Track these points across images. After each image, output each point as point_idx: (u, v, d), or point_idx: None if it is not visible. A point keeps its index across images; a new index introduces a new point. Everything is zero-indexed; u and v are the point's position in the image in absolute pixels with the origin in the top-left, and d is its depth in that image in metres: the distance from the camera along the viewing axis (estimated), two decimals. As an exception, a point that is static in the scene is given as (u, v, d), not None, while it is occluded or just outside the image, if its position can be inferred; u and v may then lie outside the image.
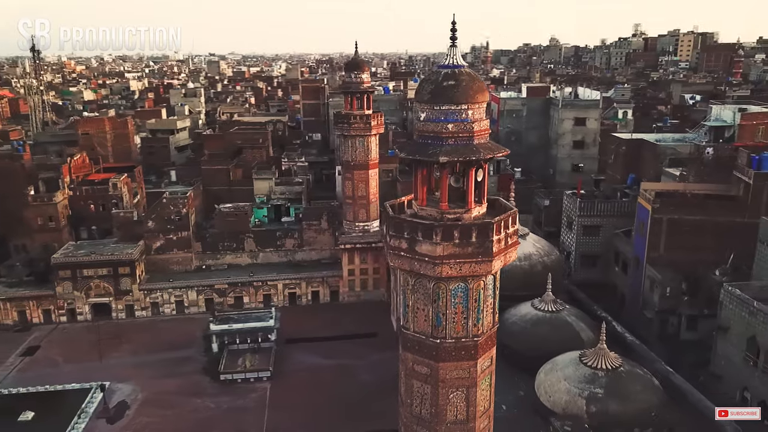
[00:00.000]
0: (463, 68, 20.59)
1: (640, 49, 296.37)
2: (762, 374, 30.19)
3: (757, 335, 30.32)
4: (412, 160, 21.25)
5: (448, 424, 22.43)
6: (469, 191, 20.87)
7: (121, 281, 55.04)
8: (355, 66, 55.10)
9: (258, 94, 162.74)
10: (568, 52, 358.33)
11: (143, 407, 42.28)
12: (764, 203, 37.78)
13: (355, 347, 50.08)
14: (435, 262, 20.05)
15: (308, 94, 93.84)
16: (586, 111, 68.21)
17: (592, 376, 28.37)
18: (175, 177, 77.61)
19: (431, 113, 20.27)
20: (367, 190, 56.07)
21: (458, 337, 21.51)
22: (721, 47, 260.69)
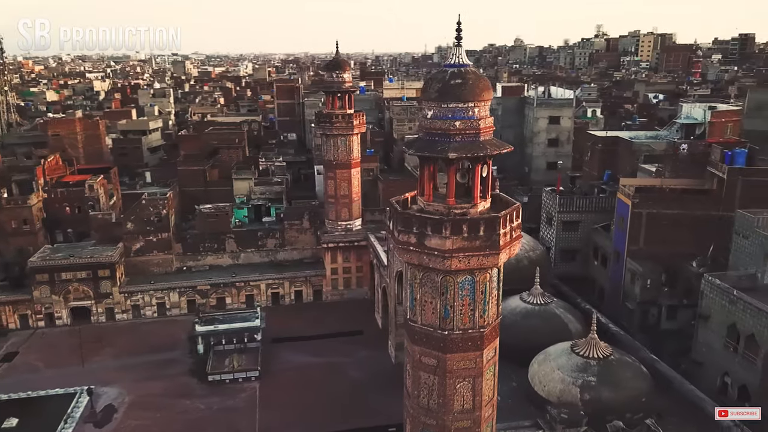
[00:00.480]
0: (469, 67, 21.22)
1: (602, 50, 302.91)
2: (742, 360, 31.63)
3: (737, 322, 31.75)
4: (419, 157, 21.77)
5: (455, 414, 23.00)
6: (475, 186, 21.51)
7: (101, 284, 54.22)
8: (337, 65, 55.33)
9: (227, 94, 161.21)
10: (532, 53, 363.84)
11: (131, 410, 41.83)
12: (737, 197, 39.45)
13: (342, 345, 50.45)
14: (444, 255, 20.59)
15: (283, 94, 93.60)
16: (560, 110, 69.80)
17: (585, 365, 29.33)
18: (150, 178, 76.65)
19: (438, 111, 20.82)
20: (349, 189, 56.37)
21: (465, 328, 22.10)
22: (679, 48, 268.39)
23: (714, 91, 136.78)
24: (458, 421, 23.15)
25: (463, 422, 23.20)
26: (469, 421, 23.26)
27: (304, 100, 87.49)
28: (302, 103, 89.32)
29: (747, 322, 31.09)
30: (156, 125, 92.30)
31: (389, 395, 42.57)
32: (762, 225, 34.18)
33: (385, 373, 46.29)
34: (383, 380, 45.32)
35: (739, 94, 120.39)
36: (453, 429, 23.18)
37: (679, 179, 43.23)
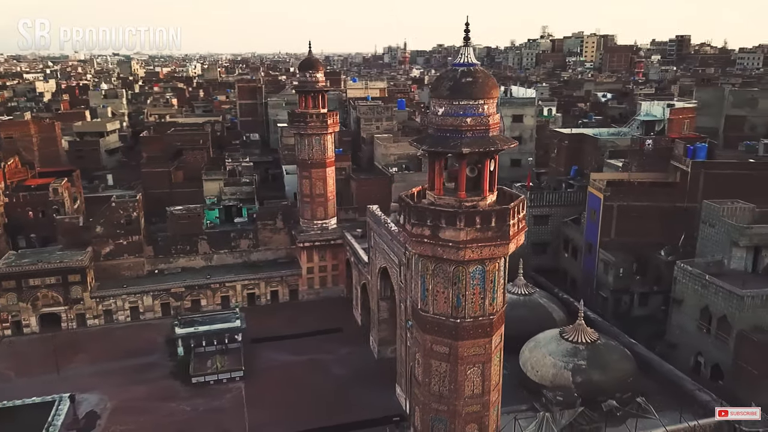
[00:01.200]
0: (477, 66, 22.21)
1: (548, 50, 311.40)
2: (715, 340, 33.85)
3: (709, 305, 33.96)
4: (430, 152, 22.63)
5: (466, 399, 23.99)
6: (484, 180, 22.52)
7: (72, 290, 52.88)
8: (310, 65, 55.66)
9: (180, 94, 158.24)
10: (480, 53, 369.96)
11: (115, 415, 41.10)
12: (701, 188, 41.96)
13: (323, 343, 50.81)
14: (459, 246, 21.54)
15: (245, 94, 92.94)
16: (522, 108, 71.88)
17: (574, 350, 30.81)
18: (113, 181, 74.99)
19: (450, 108, 21.74)
20: (324, 188, 56.77)
21: (476, 316, 23.13)
22: (621, 48, 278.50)
23: (658, 90, 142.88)
24: (468, 405, 24.15)
25: (473, 407, 24.22)
26: (479, 406, 24.30)
27: (268, 100, 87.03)
28: (265, 103, 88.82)
29: (719, 305, 33.30)
30: (113, 127, 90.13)
31: (374, 390, 43.71)
32: (727, 214, 36.58)
33: (369, 369, 47.06)
34: (367, 375, 46.10)
35: (681, 92, 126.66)
36: (464, 414, 24.16)
37: (645, 173, 45.58)
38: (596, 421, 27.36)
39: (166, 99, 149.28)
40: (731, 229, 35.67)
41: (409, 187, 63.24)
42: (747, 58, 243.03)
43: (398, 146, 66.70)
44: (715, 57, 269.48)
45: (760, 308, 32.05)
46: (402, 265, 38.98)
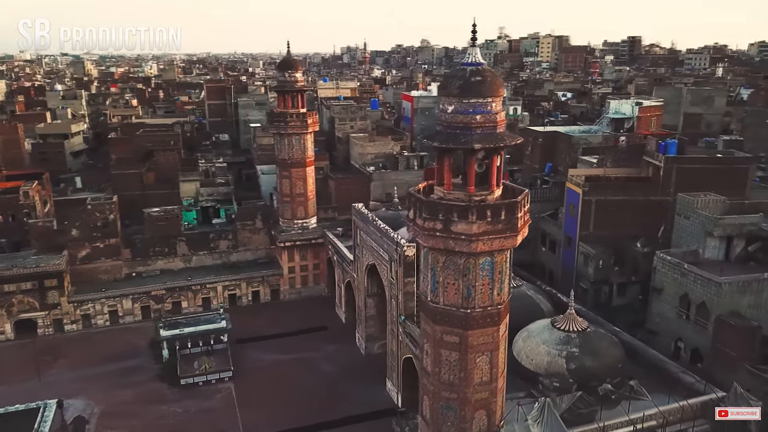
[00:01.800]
0: (485, 65, 23.14)
1: (505, 51, 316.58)
2: (694, 325, 35.72)
3: (688, 293, 35.81)
4: (439, 149, 23.43)
5: (475, 386, 24.92)
6: (492, 175, 23.47)
7: (48, 295, 51.72)
8: (289, 65, 55.85)
9: (141, 95, 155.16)
10: (439, 53, 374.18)
11: (104, 420, 40.57)
12: (673, 182, 44.06)
13: (308, 341, 51.08)
14: (471, 239, 22.43)
15: (213, 95, 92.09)
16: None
17: (567, 338, 32.11)
18: (81, 183, 73.40)
19: (460, 106, 22.61)
20: (305, 187, 57.02)
21: (485, 306, 24.08)
22: (576, 49, 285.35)
23: (614, 90, 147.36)
24: (477, 392, 25.09)
25: (482, 393, 25.17)
26: (488, 392, 25.27)
27: (238, 101, 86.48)
28: (235, 103, 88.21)
29: (698, 292, 35.17)
30: (78, 128, 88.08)
31: (364, 385, 44.32)
32: (701, 206, 38.56)
33: (357, 365, 47.62)
34: (356, 372, 46.67)
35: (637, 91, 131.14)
36: (473, 401, 25.09)
37: (619, 168, 47.51)
38: (593, 405, 28.64)
39: (125, 100, 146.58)
40: (706, 220, 37.67)
41: (387, 186, 64.56)
42: (695, 59, 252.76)
43: (375, 145, 67.41)
44: (665, 57, 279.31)
45: (737, 294, 34.04)
46: (393, 261, 39.73)
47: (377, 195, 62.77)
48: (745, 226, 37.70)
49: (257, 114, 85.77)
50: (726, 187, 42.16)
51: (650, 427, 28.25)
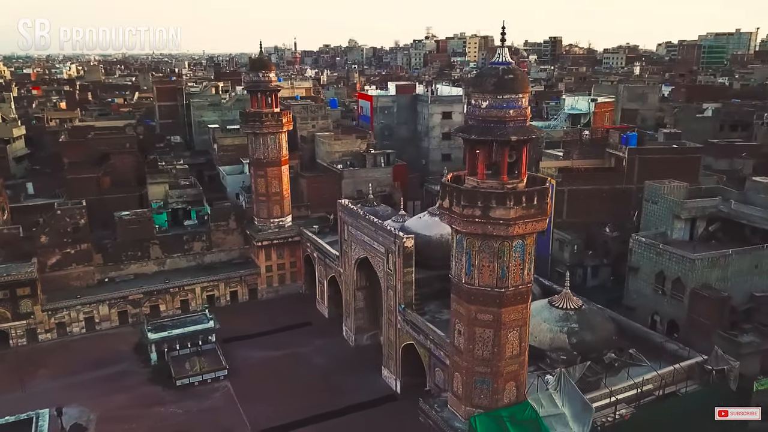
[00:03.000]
0: (513, 64, 25.30)
1: (434, 51, 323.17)
2: (670, 299, 39.45)
3: (664, 270, 39.51)
4: (475, 141, 25.38)
5: (507, 359, 27.11)
6: (522, 165, 25.67)
7: (21, 304, 49.96)
8: (262, 65, 56.35)
9: (70, 97, 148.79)
10: (368, 53, 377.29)
11: (103, 425, 39.96)
12: (636, 171, 48.10)
13: (295, 337, 51.89)
14: (509, 223, 24.57)
15: (164, 96, 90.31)
16: (451, 105, 76.54)
17: (565, 316, 34.80)
18: (33, 189, 70.55)
19: (494, 101, 24.67)
20: (280, 186, 57.62)
21: (516, 285, 26.29)
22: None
23: (546, 88, 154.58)
24: (509, 365, 27.29)
25: (512, 366, 27.38)
26: (517, 365, 27.52)
27: (191, 102, 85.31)
28: (188, 104, 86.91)
29: (673, 269, 38.91)
30: (19, 132, 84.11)
31: (359, 375, 45.79)
32: (667, 192, 42.49)
33: (348, 357, 48.92)
34: (348, 363, 47.97)
35: (567, 89, 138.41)
36: (505, 373, 27.26)
37: (585, 160, 51.16)
38: (600, 373, 31.45)
39: (53, 102, 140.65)
40: (673, 204, 41.60)
41: (357, 183, 66.14)
42: (612, 58, 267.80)
43: (342, 143, 68.68)
44: (584, 57, 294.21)
45: (707, 269, 37.94)
46: (390, 253, 41.39)
47: (348, 192, 64.10)
48: (707, 209, 41.95)
49: (212, 115, 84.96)
50: (681, 174, 46.52)
51: (649, 389, 31.29)
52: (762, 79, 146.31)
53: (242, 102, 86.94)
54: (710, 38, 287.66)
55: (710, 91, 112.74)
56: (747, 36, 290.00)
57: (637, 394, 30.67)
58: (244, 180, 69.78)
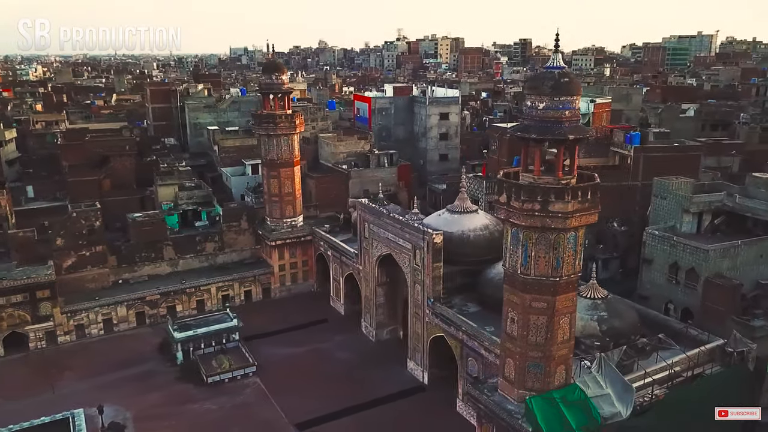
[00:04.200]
0: (566, 68, 27.16)
1: (405, 52, 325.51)
2: (684, 288, 41.95)
3: (678, 261, 42.00)
4: (533, 139, 27.16)
5: (558, 344, 28.94)
6: (574, 162, 27.55)
7: (40, 306, 49.98)
8: (275, 68, 57.32)
9: (47, 100, 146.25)
10: (339, 55, 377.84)
11: (141, 423, 40.55)
12: (641, 169, 50.67)
13: (314, 333, 53.07)
14: (567, 216, 26.40)
15: (158, 98, 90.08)
16: (448, 107, 78.48)
17: (594, 305, 36.78)
18: (33, 192, 69.96)
19: (551, 103, 26.51)
20: (293, 186, 58.64)
21: (569, 274, 28.15)
22: (473, 50, 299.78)
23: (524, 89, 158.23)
24: (560, 350, 29.13)
25: (562, 351, 29.25)
26: (566, 349, 29.41)
27: (186, 104, 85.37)
28: (183, 106, 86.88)
29: (686, 259, 41.42)
30: (11, 135, 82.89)
31: (385, 368, 47.26)
32: (675, 188, 45.07)
33: (370, 351, 50.31)
34: (372, 357, 49.36)
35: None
36: (556, 357, 29.11)
37: (590, 158, 53.54)
38: (633, 357, 33.58)
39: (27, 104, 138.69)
40: (682, 199, 44.17)
41: (364, 183, 67.57)
42: (581, 60, 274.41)
43: (346, 144, 69.95)
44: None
45: (719, 259, 40.55)
46: (418, 249, 42.97)
47: (355, 192, 65.47)
48: (713, 203, 44.64)
49: (207, 117, 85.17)
50: (682, 171, 49.07)
51: (678, 371, 33.53)
52: (727, 80, 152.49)
53: (238, 104, 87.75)
54: (674, 41, 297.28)
55: (684, 92, 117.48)
56: (708, 38, 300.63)
57: (668, 376, 32.86)
58: (248, 181, 70.47)
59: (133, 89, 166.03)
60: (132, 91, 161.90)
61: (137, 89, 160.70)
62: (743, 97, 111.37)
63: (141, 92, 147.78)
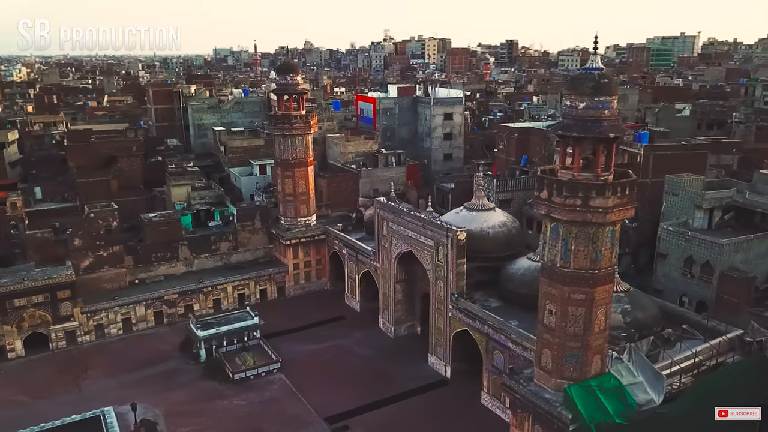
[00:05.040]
0: (605, 70, 28.35)
1: (393, 53, 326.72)
2: (699, 281, 43.47)
3: (693, 255, 43.52)
4: (572, 137, 28.29)
5: (595, 334, 30.10)
6: (611, 159, 28.75)
7: (61, 307, 50.19)
8: (290, 69, 58.11)
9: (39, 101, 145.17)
10: (325, 55, 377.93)
11: (171, 420, 41.04)
12: (650, 167, 52.22)
13: (333, 330, 53.93)
14: (607, 211, 27.55)
15: (160, 99, 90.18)
16: (452, 107, 79.67)
17: (617, 298, 37.80)
18: (41, 194, 69.89)
19: (591, 102, 27.65)
20: (307, 186, 59.39)
21: (606, 267, 29.33)
22: (460, 51, 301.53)
23: (516, 90, 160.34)
24: (596, 340, 30.30)
25: (599, 341, 30.43)
26: (602, 339, 30.59)
27: (190, 105, 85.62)
28: (186, 107, 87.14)
29: (701, 254, 42.95)
30: (14, 137, 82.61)
31: (406, 363, 48.18)
32: (687, 185, 46.63)
33: (390, 347, 51.23)
34: (392, 352, 50.27)
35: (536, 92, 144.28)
36: (593, 347, 30.27)
37: (600, 157, 54.93)
38: (659, 346, 34.90)
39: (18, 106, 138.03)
40: (694, 195, 45.74)
41: (373, 182, 68.49)
42: (567, 60, 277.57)
43: (354, 144, 70.82)
44: (540, 59, 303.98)
45: (733, 253, 42.14)
46: (441, 246, 43.99)
47: (365, 191, 66.44)
48: (723, 199, 46.29)
49: (211, 118, 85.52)
50: (690, 169, 50.68)
51: (700, 360, 34.90)
52: (713, 80, 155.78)
53: (241, 104, 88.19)
54: (657, 41, 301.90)
55: (674, 92, 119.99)
56: (691, 39, 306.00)
57: (694, 364, 34.20)
58: (257, 181, 71.06)
59: (124, 90, 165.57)
60: (123, 92, 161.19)
61: (128, 90, 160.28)
62: (732, 97, 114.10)
63: (132, 93, 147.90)
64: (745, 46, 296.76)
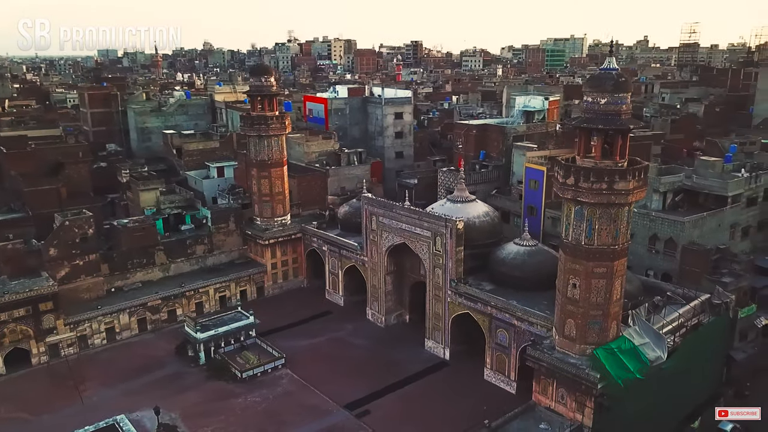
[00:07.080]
0: (620, 70, 32.41)
1: (299, 54, 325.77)
2: (663, 256, 49.18)
3: (657, 233, 49.19)
4: (597, 130, 32.10)
5: (614, 303, 34.21)
6: (626, 148, 32.89)
7: (44, 319, 48.17)
8: (264, 71, 58.60)
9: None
10: (227, 57, 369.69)
11: (191, 421, 41.06)
12: (605, 157, 57.89)
13: (324, 324, 55.40)
14: (629, 193, 31.61)
15: (97, 103, 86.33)
16: (402, 107, 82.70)
17: (606, 273, 42.72)
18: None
19: (611, 99, 31.63)
20: (282, 186, 60.16)
21: (623, 242, 33.48)
22: (367, 52, 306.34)
23: (435, 89, 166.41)
24: (614, 307, 34.48)
25: (616, 308, 34.65)
26: (618, 306, 34.85)
27: (133, 108, 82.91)
28: (125, 110, 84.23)
29: (665, 231, 48.67)
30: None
31: (403, 349, 50.82)
32: (643, 171, 52.38)
33: (384, 335, 53.45)
34: (387, 340, 52.52)
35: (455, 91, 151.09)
36: (612, 314, 34.37)
37: (560, 149, 60.02)
38: (651, 312, 39.72)
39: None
40: (652, 180, 51.47)
41: (341, 180, 70.54)
42: (470, 61, 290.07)
43: (317, 144, 72.09)
44: (444, 60, 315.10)
45: (692, 229, 48.18)
46: (439, 236, 46.88)
47: (333, 189, 68.08)
48: (675, 183, 52.54)
49: (155, 121, 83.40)
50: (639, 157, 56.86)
51: (683, 321, 40.11)
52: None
53: (185, 107, 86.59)
54: (551, 43, 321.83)
55: (580, 91, 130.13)
56: (580, 41, 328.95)
57: (679, 324, 39.34)
58: (219, 184, 70.62)
59: (23, 94, 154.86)
60: (23, 96, 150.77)
61: (28, 93, 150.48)
62: (634, 94, 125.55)
63: (34, 97, 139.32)
64: (626, 47, 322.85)
